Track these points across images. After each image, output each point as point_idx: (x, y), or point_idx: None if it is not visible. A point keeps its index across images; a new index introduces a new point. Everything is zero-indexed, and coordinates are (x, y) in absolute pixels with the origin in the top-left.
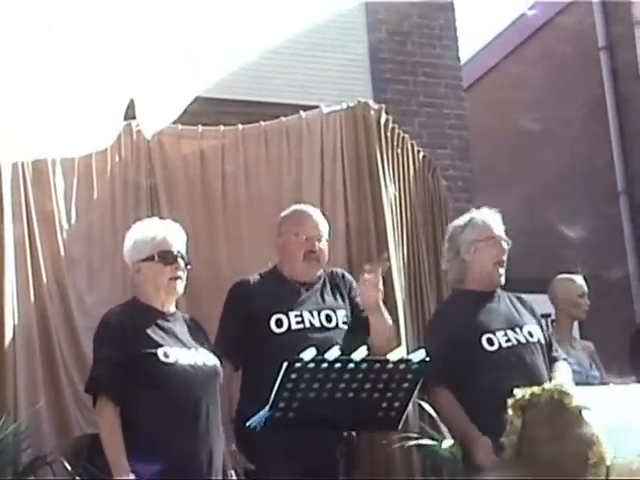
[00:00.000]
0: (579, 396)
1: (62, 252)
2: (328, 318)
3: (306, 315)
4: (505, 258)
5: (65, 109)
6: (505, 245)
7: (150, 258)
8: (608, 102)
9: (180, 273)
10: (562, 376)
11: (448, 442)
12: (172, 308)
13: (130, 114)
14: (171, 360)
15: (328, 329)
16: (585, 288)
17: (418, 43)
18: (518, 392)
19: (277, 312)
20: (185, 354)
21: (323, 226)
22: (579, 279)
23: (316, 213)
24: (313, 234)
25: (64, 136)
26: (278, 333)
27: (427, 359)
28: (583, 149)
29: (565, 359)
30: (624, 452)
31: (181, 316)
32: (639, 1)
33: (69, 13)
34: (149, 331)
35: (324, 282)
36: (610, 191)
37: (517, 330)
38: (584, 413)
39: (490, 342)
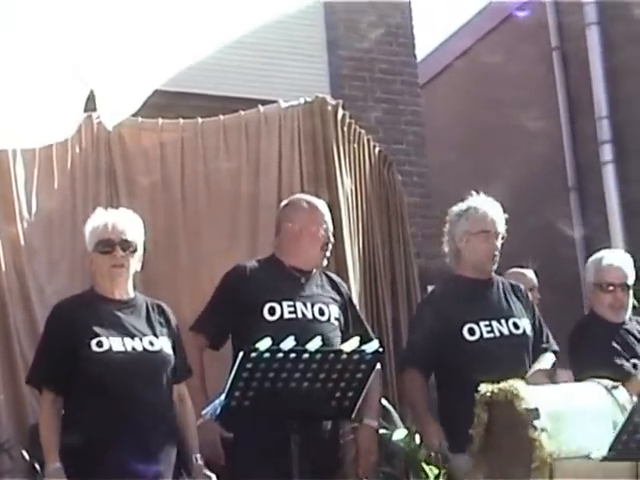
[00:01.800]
0: (530, 397)
1: (22, 242)
2: (321, 311)
3: (299, 306)
4: (496, 252)
5: (25, 100)
6: (499, 240)
7: (101, 249)
8: (560, 100)
9: (121, 260)
10: (540, 365)
11: (402, 432)
12: (128, 295)
13: (90, 106)
14: (104, 349)
15: (320, 322)
16: (535, 282)
17: (375, 41)
18: (483, 387)
19: (271, 300)
20: (126, 342)
21: (328, 217)
22: (530, 273)
23: (322, 204)
24: (329, 226)
25: (24, 127)
26: (270, 321)
27: (380, 350)
28: (537, 145)
29: (555, 351)
30: (570, 448)
31: (143, 302)
32: (590, 2)
33: (31, 4)
34: (91, 321)
35: (321, 276)
36: (561, 187)
37: (502, 321)
38: (533, 418)
39: (471, 332)
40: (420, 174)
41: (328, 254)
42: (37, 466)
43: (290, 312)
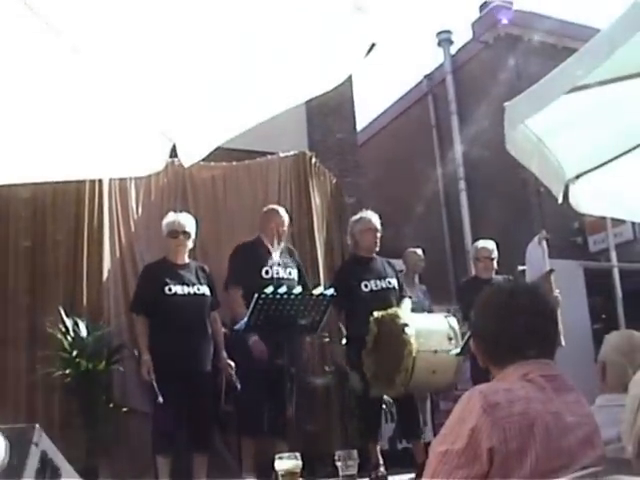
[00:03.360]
0: (404, 318)
1: (133, 229)
2: (289, 273)
3: (280, 270)
4: (377, 240)
5: (135, 148)
6: (377, 233)
7: (172, 235)
8: (437, 156)
9: (182, 242)
10: (402, 305)
11: (344, 340)
12: (184, 261)
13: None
14: (172, 292)
15: (290, 279)
16: (423, 256)
17: (332, 119)
18: (376, 313)
19: (265, 265)
20: (184, 289)
21: (285, 217)
22: (419, 251)
23: (282, 210)
24: (280, 222)
25: (135, 165)
26: (266, 278)
27: (335, 294)
28: (424, 180)
29: (410, 297)
30: (425, 347)
31: (194, 265)
32: (452, 100)
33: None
34: (164, 276)
35: (285, 250)
36: (437, 204)
37: (382, 280)
38: (405, 329)
39: (366, 286)
40: (358, 195)
41: (283, 237)
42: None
43: (276, 273)
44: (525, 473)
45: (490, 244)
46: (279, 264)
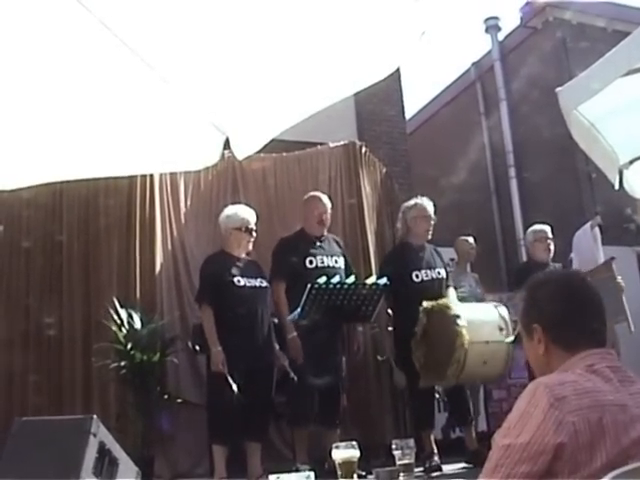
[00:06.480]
0: (455, 308)
1: (183, 222)
2: (335, 261)
3: (325, 259)
4: (430, 228)
5: (185, 142)
6: (431, 221)
7: (239, 229)
8: (485, 142)
9: (247, 237)
10: (449, 295)
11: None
12: (243, 255)
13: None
14: (241, 284)
15: (335, 268)
16: (474, 244)
17: (381, 110)
18: (425, 303)
19: (309, 255)
20: (250, 281)
21: (328, 204)
22: (471, 239)
23: (324, 197)
24: (323, 209)
25: (185, 159)
26: (310, 268)
27: (388, 283)
28: (474, 167)
29: (455, 287)
30: (477, 338)
31: (248, 259)
32: (501, 87)
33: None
34: (230, 268)
35: (329, 239)
36: (487, 191)
37: (432, 270)
38: (457, 319)
39: (417, 276)
40: (408, 184)
41: (326, 226)
42: (196, 349)
43: (321, 262)
44: (596, 467)
45: (547, 227)
46: (325, 252)
